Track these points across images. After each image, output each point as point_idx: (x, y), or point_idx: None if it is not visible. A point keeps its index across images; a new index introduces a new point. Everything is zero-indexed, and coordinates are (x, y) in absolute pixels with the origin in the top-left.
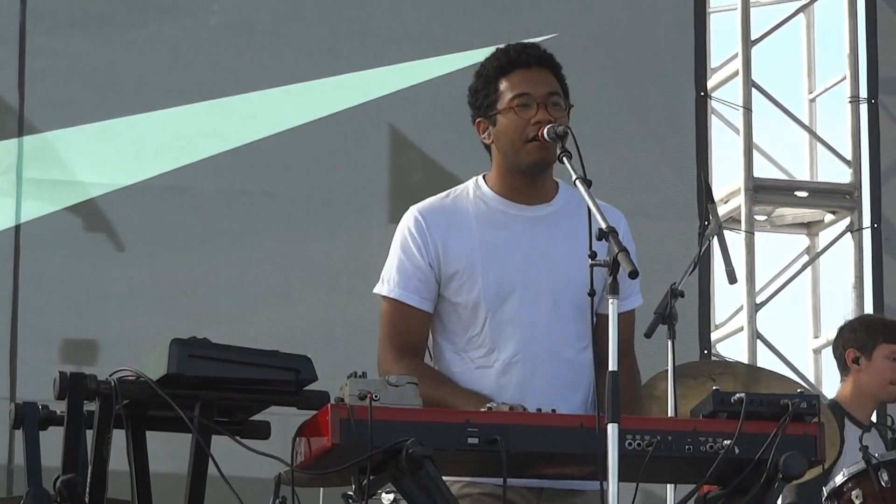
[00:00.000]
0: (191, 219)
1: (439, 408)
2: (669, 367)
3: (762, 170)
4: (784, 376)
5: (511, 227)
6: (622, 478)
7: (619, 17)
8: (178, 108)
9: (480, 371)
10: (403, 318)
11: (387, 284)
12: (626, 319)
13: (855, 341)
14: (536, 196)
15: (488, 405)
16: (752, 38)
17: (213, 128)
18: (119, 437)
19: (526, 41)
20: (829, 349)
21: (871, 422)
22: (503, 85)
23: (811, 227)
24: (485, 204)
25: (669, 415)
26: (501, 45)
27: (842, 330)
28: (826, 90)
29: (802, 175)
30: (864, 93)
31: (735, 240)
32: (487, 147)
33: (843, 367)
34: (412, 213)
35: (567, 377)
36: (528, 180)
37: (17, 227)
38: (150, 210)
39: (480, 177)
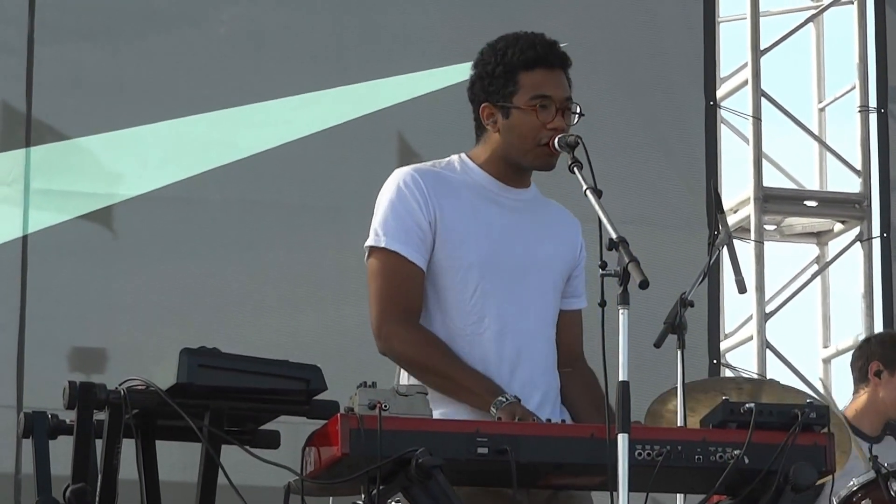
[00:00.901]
0: (200, 229)
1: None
2: (679, 377)
3: (771, 179)
4: (791, 387)
5: (501, 203)
6: (632, 488)
7: (628, 27)
8: (186, 117)
9: (471, 338)
10: (402, 274)
11: (384, 237)
12: (572, 318)
13: (882, 356)
14: (519, 182)
15: (499, 399)
16: (762, 47)
17: (222, 138)
18: (129, 447)
19: (544, 36)
20: (839, 359)
21: (887, 424)
22: (524, 79)
23: (821, 237)
24: (473, 179)
25: (679, 425)
26: (523, 33)
27: (868, 341)
28: (835, 99)
29: (812, 184)
30: (873, 102)
31: (744, 249)
32: (481, 127)
33: (862, 379)
34: (406, 171)
35: (546, 354)
36: (518, 169)
37: (25, 238)
38: (159, 220)
39: (463, 154)
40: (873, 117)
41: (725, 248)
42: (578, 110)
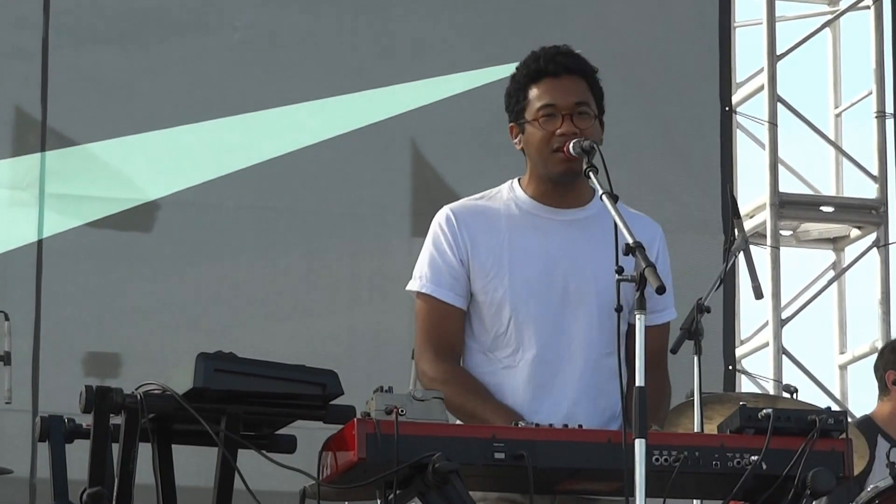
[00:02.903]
0: (214, 234)
1: (466, 422)
2: (695, 383)
3: (787, 185)
4: (808, 404)
5: (542, 229)
6: (649, 493)
7: (643, 32)
8: (200, 123)
9: (507, 371)
10: (437, 313)
11: (418, 280)
12: (657, 332)
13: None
14: (570, 200)
15: (516, 423)
16: (778, 52)
17: (236, 143)
18: (145, 451)
19: (559, 46)
20: (855, 365)
21: None
22: (532, 93)
23: (837, 243)
24: (517, 206)
25: (696, 431)
26: (536, 49)
27: (883, 350)
28: (852, 105)
29: (828, 190)
30: (889, 107)
31: (760, 255)
32: (521, 150)
33: (883, 388)
34: (444, 211)
35: (592, 380)
36: (560, 186)
37: (40, 242)
38: (174, 225)
39: (516, 180)
40: (890, 122)
41: (741, 253)
42: (592, 112)
